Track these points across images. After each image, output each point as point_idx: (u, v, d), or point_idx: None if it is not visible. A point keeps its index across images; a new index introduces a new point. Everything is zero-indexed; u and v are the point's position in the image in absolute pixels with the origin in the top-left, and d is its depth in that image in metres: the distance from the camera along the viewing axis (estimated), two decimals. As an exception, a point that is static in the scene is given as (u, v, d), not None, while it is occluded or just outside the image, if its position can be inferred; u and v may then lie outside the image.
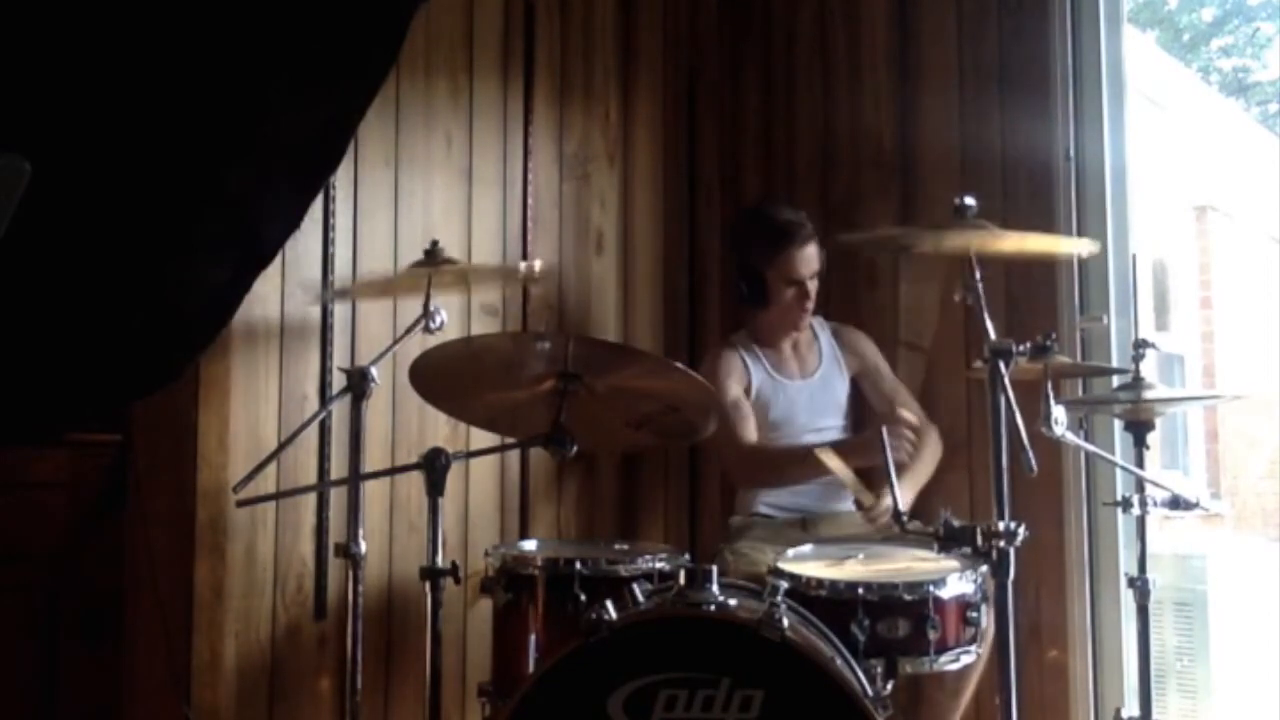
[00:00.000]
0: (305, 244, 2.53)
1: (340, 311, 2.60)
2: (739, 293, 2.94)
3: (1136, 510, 2.33)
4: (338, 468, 2.53)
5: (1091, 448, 2.36)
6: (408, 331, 2.31)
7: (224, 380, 2.42)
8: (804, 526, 2.78)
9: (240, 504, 2.12)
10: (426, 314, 2.30)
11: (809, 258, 2.83)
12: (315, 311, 2.57)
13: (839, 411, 2.92)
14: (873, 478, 2.90)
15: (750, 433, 2.80)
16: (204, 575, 2.38)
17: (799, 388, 2.90)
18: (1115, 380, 2.51)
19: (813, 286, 2.85)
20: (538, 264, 2.88)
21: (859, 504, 2.51)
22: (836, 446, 2.60)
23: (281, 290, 2.51)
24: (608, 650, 1.73)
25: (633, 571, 2.18)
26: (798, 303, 2.85)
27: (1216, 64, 10.79)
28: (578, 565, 2.16)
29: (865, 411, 2.97)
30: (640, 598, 1.88)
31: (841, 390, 2.94)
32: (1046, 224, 2.82)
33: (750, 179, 3.48)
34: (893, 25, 3.24)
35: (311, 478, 2.53)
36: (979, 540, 1.83)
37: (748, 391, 2.88)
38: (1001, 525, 1.81)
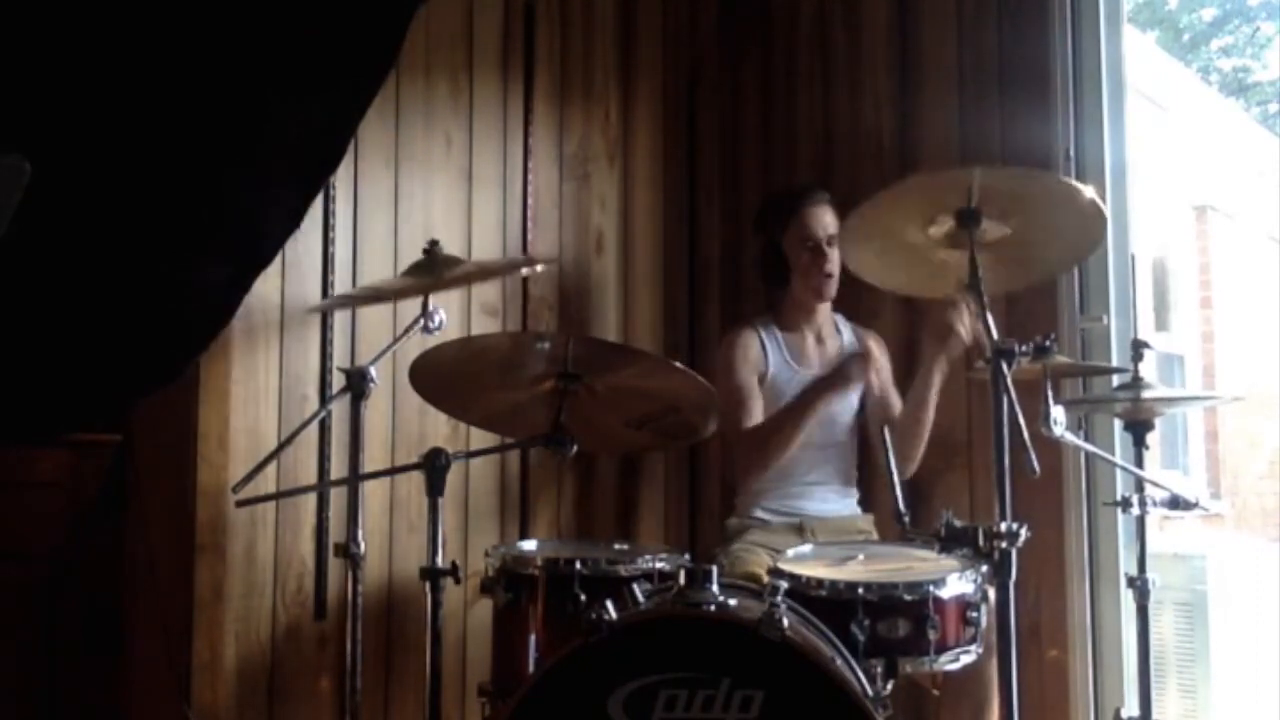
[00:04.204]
0: (305, 244, 2.53)
1: (340, 311, 2.60)
2: (764, 278, 2.93)
3: (1136, 510, 2.33)
4: (338, 468, 2.53)
5: (1091, 448, 2.36)
6: (407, 331, 2.31)
7: (224, 380, 2.42)
8: (800, 531, 2.77)
9: (240, 504, 2.12)
10: (426, 314, 2.30)
11: (822, 216, 2.80)
12: (315, 312, 2.57)
13: (850, 408, 2.88)
14: (874, 482, 2.91)
15: (757, 414, 2.76)
16: (204, 575, 2.38)
17: (815, 377, 2.87)
18: (1115, 380, 2.51)
19: (831, 252, 2.78)
20: (539, 267, 2.87)
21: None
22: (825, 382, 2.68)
23: (281, 290, 2.51)
24: (608, 650, 1.73)
25: (633, 571, 2.17)
26: (815, 265, 2.79)
27: (1216, 64, 10.81)
28: (578, 565, 2.16)
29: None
30: (640, 598, 1.88)
31: (856, 388, 2.87)
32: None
33: (750, 179, 3.48)
34: (893, 25, 3.24)
35: (311, 478, 2.53)
36: (981, 541, 1.82)
37: (762, 378, 2.84)
38: (1004, 526, 1.81)
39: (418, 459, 2.02)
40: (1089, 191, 2.01)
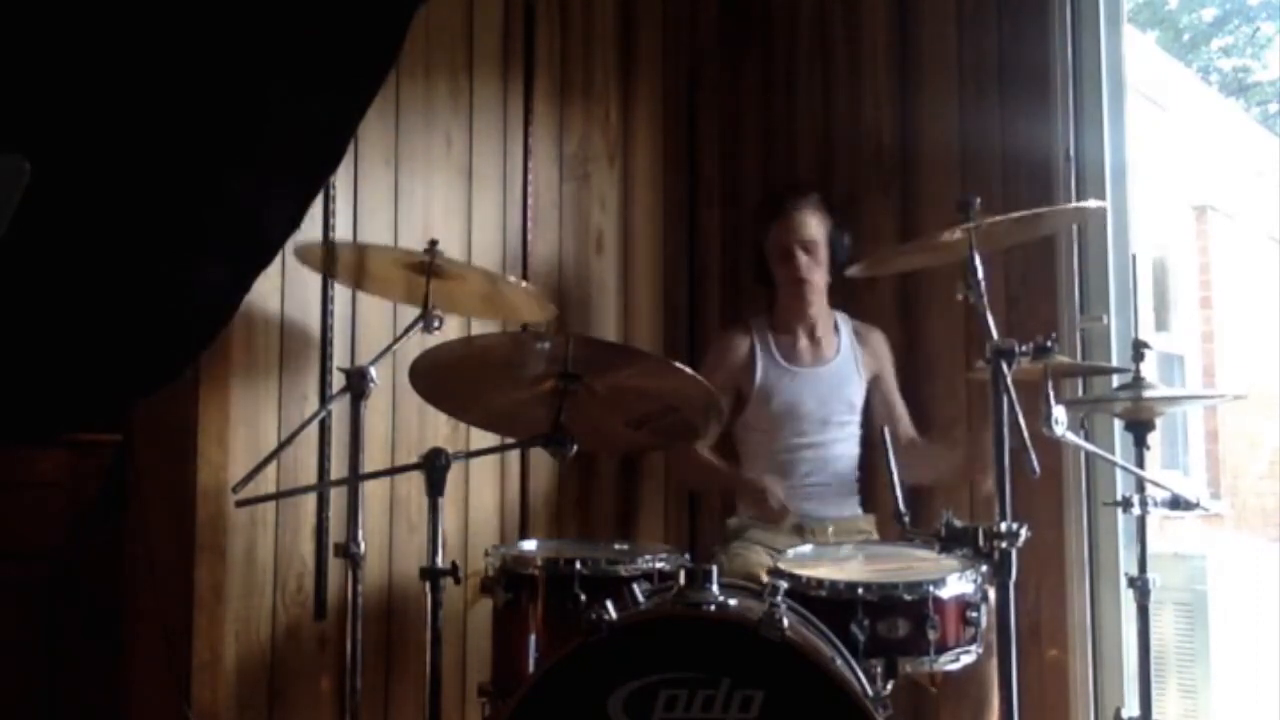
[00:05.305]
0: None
1: (340, 311, 2.60)
2: (754, 276, 2.99)
3: (1136, 510, 2.33)
4: (338, 468, 2.53)
5: (1092, 448, 2.35)
6: (407, 331, 2.31)
7: (224, 380, 2.41)
8: (800, 531, 2.77)
9: (240, 504, 2.12)
10: (426, 314, 2.29)
11: (793, 224, 2.84)
12: (315, 311, 2.57)
13: (850, 408, 2.88)
14: (876, 482, 2.91)
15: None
16: (204, 575, 2.38)
17: (807, 375, 2.87)
18: (1115, 380, 2.51)
19: (802, 255, 2.82)
20: (527, 285, 2.86)
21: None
22: None
23: (281, 290, 2.51)
24: (608, 650, 1.73)
25: (633, 571, 2.17)
26: (786, 272, 2.84)
27: (1216, 64, 10.80)
28: (578, 565, 2.16)
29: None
30: (640, 598, 1.88)
31: (854, 387, 2.89)
32: (1046, 224, 2.82)
33: (750, 179, 3.48)
34: (893, 25, 3.24)
35: (311, 478, 2.53)
36: (981, 541, 1.82)
37: (750, 378, 2.88)
38: (1004, 526, 1.81)
39: (418, 459, 2.02)
40: (1092, 203, 2.03)
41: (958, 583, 2.03)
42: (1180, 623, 3.90)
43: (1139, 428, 2.38)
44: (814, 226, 2.84)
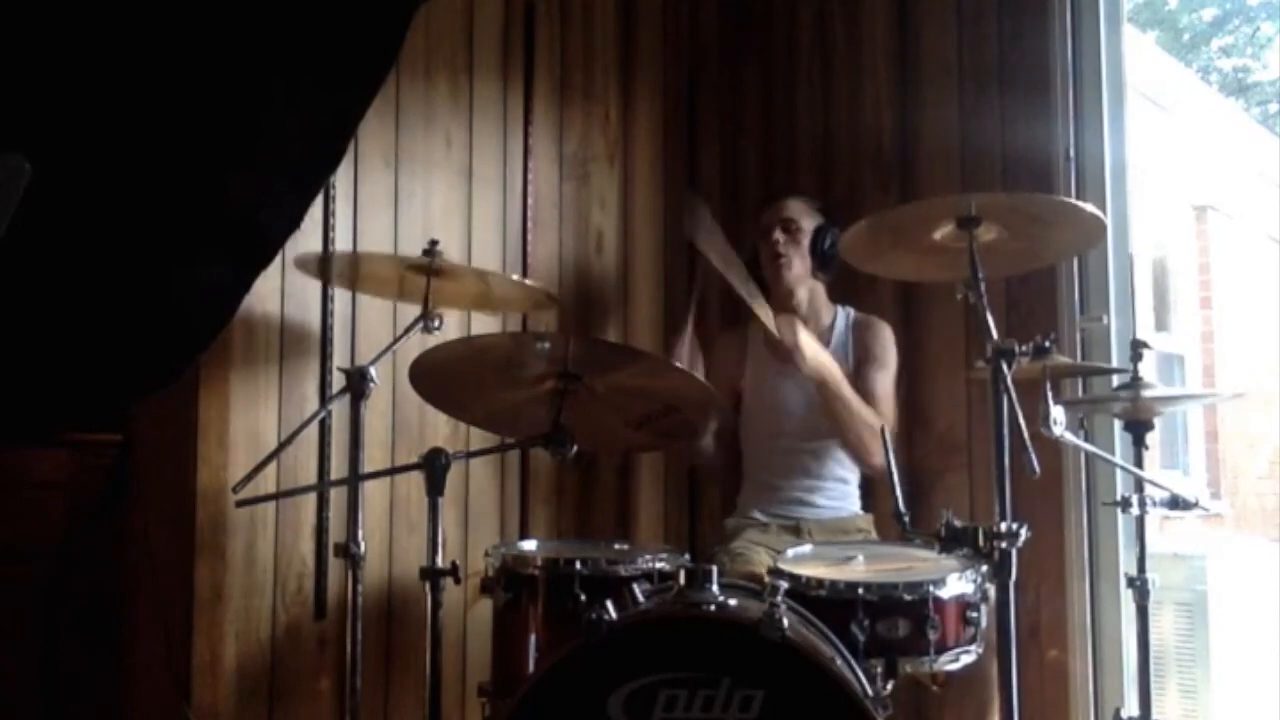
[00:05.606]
0: (305, 244, 2.53)
1: (340, 311, 2.60)
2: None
3: (1136, 510, 2.33)
4: (338, 468, 2.53)
5: (1091, 448, 2.35)
6: (407, 331, 2.31)
7: (224, 380, 2.42)
8: (797, 531, 2.77)
9: (240, 504, 2.12)
10: (426, 314, 2.30)
11: (777, 207, 2.91)
12: (315, 311, 2.57)
13: None
14: (875, 481, 2.91)
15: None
16: (204, 575, 2.38)
17: (797, 372, 2.85)
18: (1115, 380, 2.51)
19: (780, 234, 2.86)
20: (532, 283, 2.86)
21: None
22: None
23: (281, 290, 2.51)
24: (608, 650, 1.73)
25: (633, 571, 2.17)
26: (767, 250, 2.88)
27: (1216, 64, 10.81)
28: (578, 565, 2.16)
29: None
30: (640, 598, 1.88)
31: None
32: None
33: (750, 179, 3.48)
34: (893, 25, 3.24)
35: (311, 478, 2.53)
36: (981, 541, 1.82)
37: (743, 375, 2.93)
38: (1004, 526, 1.81)
39: (418, 459, 2.02)
40: (1089, 207, 2.02)
41: (958, 583, 2.03)
42: (1180, 623, 3.91)
43: (1138, 428, 2.38)
44: (796, 210, 2.89)
